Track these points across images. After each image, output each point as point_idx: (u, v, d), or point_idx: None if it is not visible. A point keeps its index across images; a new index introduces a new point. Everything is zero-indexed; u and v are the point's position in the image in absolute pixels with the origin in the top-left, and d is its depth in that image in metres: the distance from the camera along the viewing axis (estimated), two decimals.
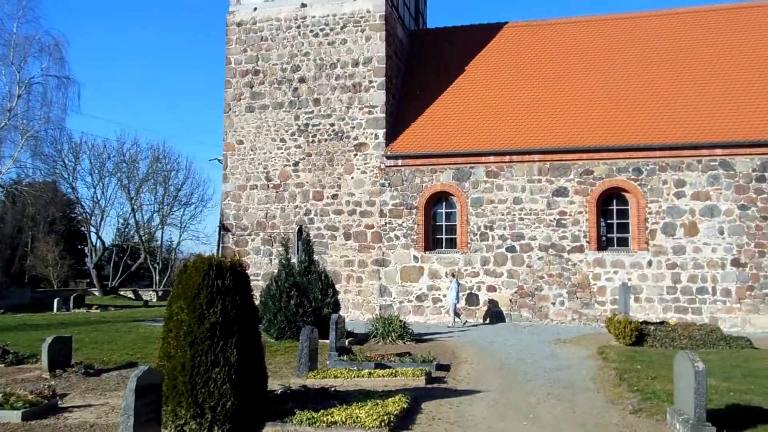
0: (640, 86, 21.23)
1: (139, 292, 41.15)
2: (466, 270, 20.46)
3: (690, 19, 23.54)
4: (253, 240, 22.21)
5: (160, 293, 39.76)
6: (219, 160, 23.57)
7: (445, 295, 20.39)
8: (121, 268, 43.99)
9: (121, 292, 41.03)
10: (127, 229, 45.67)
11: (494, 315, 20.17)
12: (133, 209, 43.64)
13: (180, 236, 48.04)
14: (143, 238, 44.32)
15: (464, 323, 19.73)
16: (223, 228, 22.60)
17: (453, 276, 19.90)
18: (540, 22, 25.43)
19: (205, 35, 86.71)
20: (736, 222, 18.87)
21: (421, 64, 24.41)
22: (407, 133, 21.73)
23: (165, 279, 44.66)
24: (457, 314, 19.65)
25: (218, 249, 23.07)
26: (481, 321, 20.20)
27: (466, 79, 23.33)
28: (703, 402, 7.71)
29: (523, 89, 22.25)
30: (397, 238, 21.02)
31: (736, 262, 18.77)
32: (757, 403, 9.30)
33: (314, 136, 21.98)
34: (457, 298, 19.66)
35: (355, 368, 11.64)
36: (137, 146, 45.30)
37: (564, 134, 20.29)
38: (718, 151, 19.05)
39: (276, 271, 17.53)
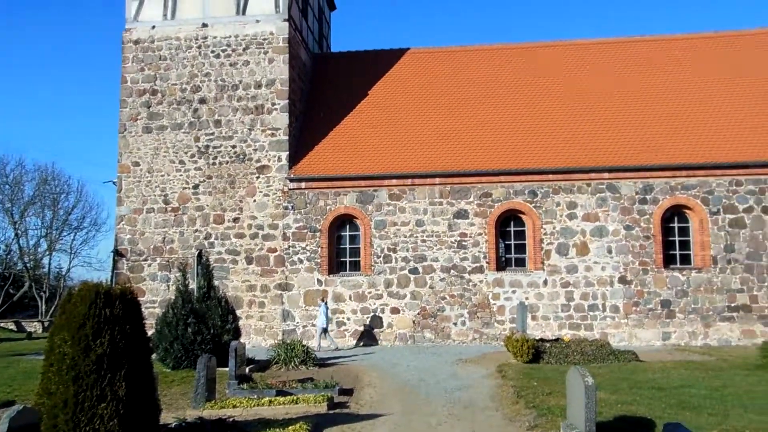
0: (535, 113, 22.25)
1: (23, 324, 38.27)
2: (370, 292, 20.51)
3: (581, 50, 24.97)
4: (149, 265, 21.28)
5: (46, 324, 37.18)
6: (113, 183, 22.51)
7: (349, 318, 20.36)
8: (1, 298, 40.87)
9: (2, 324, 38.06)
10: (9, 256, 42.63)
11: (398, 337, 20.30)
12: (17, 234, 40.85)
13: (70, 262, 45.32)
14: (28, 265, 41.48)
15: (335, 348, 19.47)
16: (117, 253, 21.53)
17: (323, 300, 19.86)
18: (442, 49, 26.20)
19: (99, 51, 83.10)
20: (622, 241, 20.03)
21: (325, 87, 24.51)
22: (311, 156, 21.67)
23: (52, 308, 41.91)
24: (325, 338, 19.47)
25: (112, 275, 21.94)
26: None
27: (370, 102, 23.62)
28: (593, 415, 8.02)
29: (425, 114, 22.78)
30: (301, 261, 20.80)
31: (623, 280, 19.88)
32: (641, 413, 9.81)
33: (215, 158, 21.48)
34: (327, 322, 19.53)
35: (255, 396, 11.32)
36: (22, 167, 42.49)
37: (464, 158, 20.89)
38: (606, 175, 20.21)
39: (173, 297, 16.85)
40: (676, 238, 20.30)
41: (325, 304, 19.76)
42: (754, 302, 19.47)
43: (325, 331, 19.57)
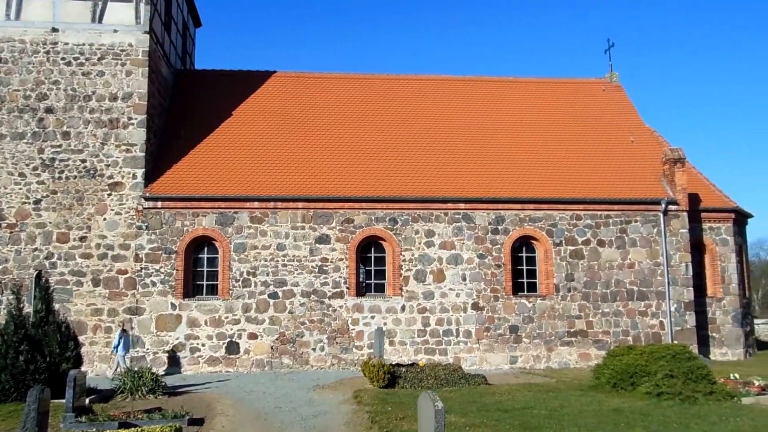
0: (397, 143, 22.94)
1: None
2: (227, 317, 19.89)
3: (443, 86, 26.21)
4: None
5: None
6: None
7: (204, 344, 19.60)
8: None
9: None
10: None
11: (255, 363, 19.80)
12: None
13: None
14: None
15: (115, 372, 17.90)
16: None
17: (122, 326, 18.93)
18: (308, 74, 26.36)
19: None
20: (476, 269, 21.00)
21: (187, 105, 23.72)
22: (169, 175, 20.78)
23: None
24: (120, 366, 18.02)
25: None
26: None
27: (233, 123, 23.17)
28: None
29: (290, 137, 22.72)
30: (154, 284, 19.77)
31: (475, 306, 20.81)
32: None
33: (62, 172, 19.98)
34: (125, 349, 18.45)
35: (94, 430, 10.51)
36: None
37: (327, 183, 21.01)
38: (462, 205, 21.17)
39: (4, 322, 15.32)
40: (524, 267, 21.63)
41: (123, 329, 18.65)
42: (590, 327, 21.13)
43: (122, 359, 18.25)
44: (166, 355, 19.45)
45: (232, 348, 19.82)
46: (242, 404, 13.90)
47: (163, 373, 17.78)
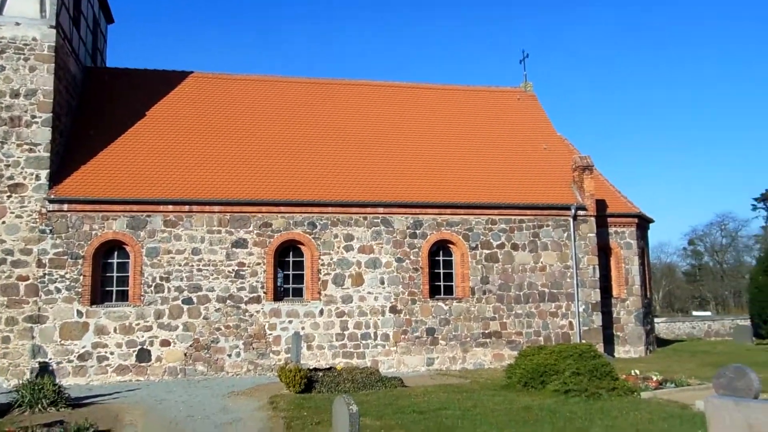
0: (317, 147, 22.87)
1: None
2: (138, 324, 19.18)
3: (361, 90, 26.37)
4: None
5: None
6: None
7: (113, 353, 18.82)
8: None
9: None
10: None
11: (168, 371, 19.19)
12: None
13: None
14: None
15: None
16: None
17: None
18: (226, 76, 25.87)
19: None
20: (394, 273, 21.20)
21: (97, 104, 22.75)
22: (76, 176, 19.85)
23: None
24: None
25: None
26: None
27: (147, 124, 22.42)
28: None
29: (207, 139, 22.22)
30: (59, 291, 18.81)
31: (393, 309, 20.99)
32: None
33: None
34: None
35: None
36: None
37: (245, 187, 20.67)
38: (381, 209, 21.32)
39: None
40: (441, 271, 22.01)
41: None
42: (503, 329, 21.74)
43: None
44: (71, 365, 18.55)
45: (143, 356, 19.13)
46: (153, 414, 13.45)
47: (67, 384, 16.94)
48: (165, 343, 19.32)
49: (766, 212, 70.42)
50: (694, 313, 53.93)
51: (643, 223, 26.59)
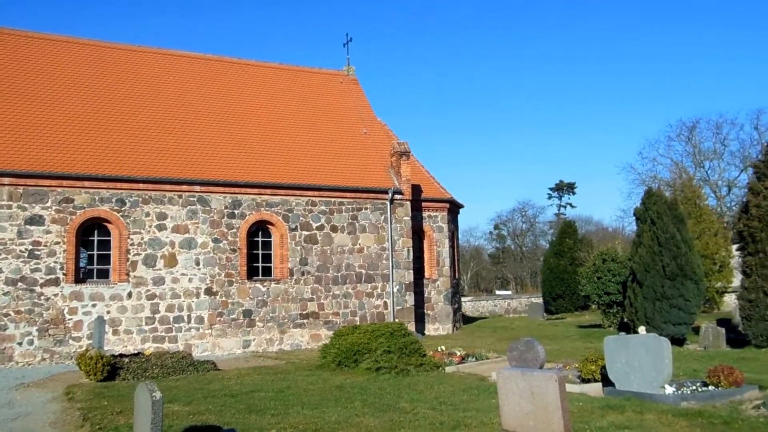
0: (130, 118, 21.33)
1: None
2: None
3: (182, 62, 24.99)
4: None
5: None
6: None
7: None
8: None
9: None
10: None
11: None
12: None
13: None
14: None
15: None
16: None
17: None
18: (32, 34, 22.98)
19: None
20: (210, 254, 20.50)
21: None
22: None
23: None
24: None
25: None
26: None
27: None
28: (159, 430, 7.87)
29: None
30: None
31: (209, 291, 20.32)
32: (211, 421, 10.04)
33: None
34: None
35: None
36: None
37: (42, 158, 18.71)
38: (197, 187, 20.45)
39: None
40: (260, 252, 21.69)
41: None
42: (321, 309, 22.01)
43: None
44: None
45: None
46: None
47: None
48: None
49: (558, 200, 78.69)
50: (497, 292, 58.90)
51: (454, 208, 28.31)
